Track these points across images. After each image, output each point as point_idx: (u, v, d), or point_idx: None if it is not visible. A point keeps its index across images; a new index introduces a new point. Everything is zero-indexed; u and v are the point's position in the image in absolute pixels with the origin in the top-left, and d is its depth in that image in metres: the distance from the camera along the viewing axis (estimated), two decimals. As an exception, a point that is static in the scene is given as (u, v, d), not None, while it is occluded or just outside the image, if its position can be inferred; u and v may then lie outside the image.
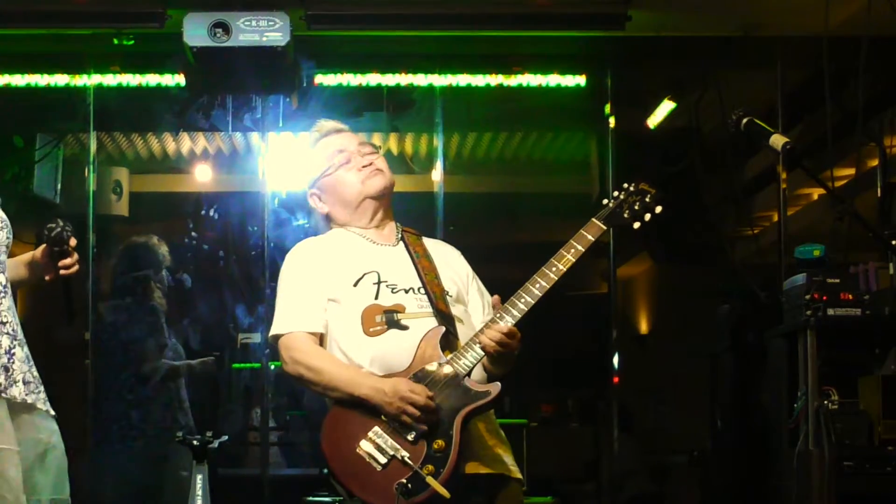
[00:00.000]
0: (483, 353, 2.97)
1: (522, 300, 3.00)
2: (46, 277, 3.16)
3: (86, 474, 6.03)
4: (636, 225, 3.13)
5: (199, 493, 4.70)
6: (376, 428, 2.96)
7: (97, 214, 6.74)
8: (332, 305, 3.09)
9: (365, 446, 2.95)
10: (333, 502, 5.62)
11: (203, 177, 7.92)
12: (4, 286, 3.06)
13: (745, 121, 3.26)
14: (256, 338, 6.97)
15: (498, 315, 2.99)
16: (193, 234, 7.52)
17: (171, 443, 5.72)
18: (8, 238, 3.14)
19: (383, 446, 2.93)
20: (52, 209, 7.00)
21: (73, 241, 3.09)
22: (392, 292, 3.07)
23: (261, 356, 6.70)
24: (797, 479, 4.31)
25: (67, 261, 3.10)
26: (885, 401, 4.40)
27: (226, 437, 4.99)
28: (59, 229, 3.07)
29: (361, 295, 3.07)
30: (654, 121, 6.69)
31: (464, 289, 3.23)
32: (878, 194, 6.09)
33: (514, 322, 2.98)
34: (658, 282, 9.53)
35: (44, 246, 3.12)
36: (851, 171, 5.53)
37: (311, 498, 5.76)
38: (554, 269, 3.04)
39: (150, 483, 6.05)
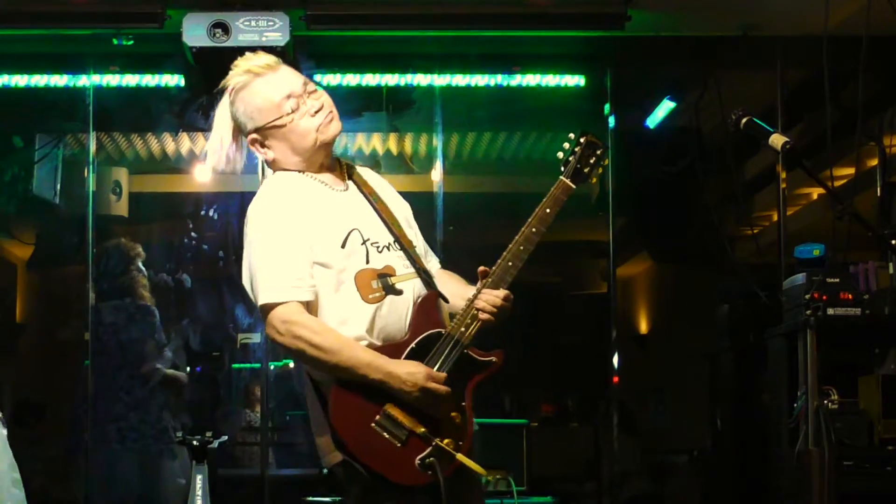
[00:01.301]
0: (481, 320, 2.96)
1: (512, 264, 3.00)
2: None
3: (85, 474, 6.06)
4: (593, 180, 3.16)
5: (199, 493, 4.70)
6: (390, 403, 2.92)
7: (97, 215, 6.74)
8: (320, 270, 2.97)
9: (382, 422, 2.91)
10: (333, 502, 5.62)
11: (203, 177, 7.91)
12: None
13: (744, 120, 3.26)
14: (256, 338, 6.96)
15: (493, 279, 2.98)
16: (193, 234, 7.52)
17: (171, 442, 5.74)
18: None
19: (401, 421, 2.90)
20: (52, 209, 7.02)
21: None
22: (378, 252, 3.00)
23: (261, 356, 6.70)
24: (797, 479, 4.31)
25: None
26: (884, 400, 4.40)
27: (225, 437, 5.00)
28: None
29: (352, 258, 2.97)
30: (653, 121, 6.69)
31: (412, 230, 3.19)
32: (878, 194, 6.09)
33: (506, 286, 2.99)
34: (658, 282, 9.53)
35: None
36: (851, 171, 5.52)
37: (311, 498, 5.76)
38: (534, 230, 3.02)
39: (150, 482, 6.05)
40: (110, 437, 6.03)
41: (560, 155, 3.13)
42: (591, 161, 3.13)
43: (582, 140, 3.12)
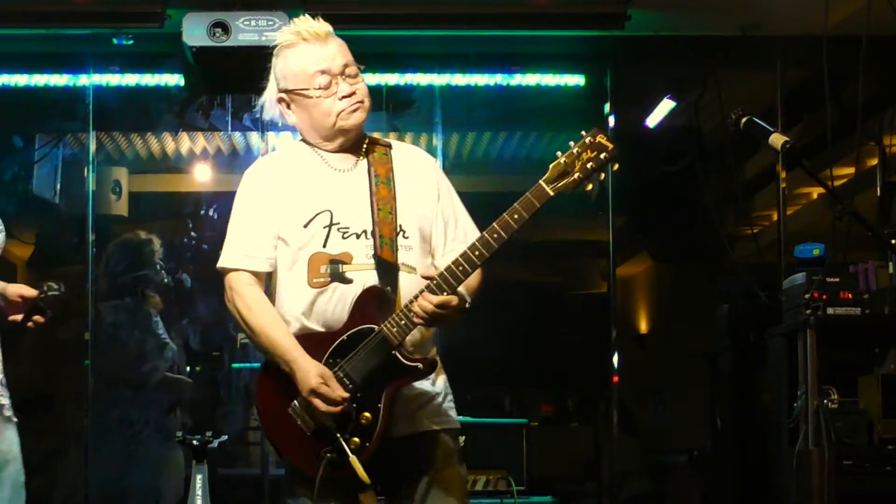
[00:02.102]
0: (413, 322, 2.88)
1: (461, 268, 2.84)
2: (11, 317, 3.22)
3: (85, 473, 6.06)
4: (589, 187, 2.99)
5: (199, 492, 4.70)
6: None
7: (96, 214, 6.74)
8: (281, 245, 2.99)
9: (297, 408, 2.90)
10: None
11: (202, 176, 7.92)
12: None
13: (744, 120, 3.26)
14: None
15: (435, 283, 2.85)
16: (193, 233, 7.51)
17: (170, 442, 5.73)
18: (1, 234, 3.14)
19: (314, 411, 2.87)
20: (52, 209, 7.01)
21: (57, 311, 3.21)
22: (343, 237, 2.95)
23: (260, 356, 6.69)
24: (797, 479, 4.31)
25: (40, 320, 3.22)
26: (884, 400, 4.40)
27: (225, 437, 4.99)
28: (57, 294, 3.17)
29: (310, 239, 2.96)
30: (653, 120, 6.70)
31: (427, 220, 3.08)
32: (878, 193, 6.09)
33: (450, 291, 2.84)
34: (658, 281, 9.53)
35: (31, 294, 3.18)
36: (851, 171, 5.53)
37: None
38: (495, 235, 2.84)
39: (150, 482, 6.05)
40: (111, 436, 6.04)
41: (558, 153, 2.88)
42: (590, 165, 2.86)
43: (588, 139, 2.88)
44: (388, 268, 2.95)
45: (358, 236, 2.97)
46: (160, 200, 8.09)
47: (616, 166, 2.96)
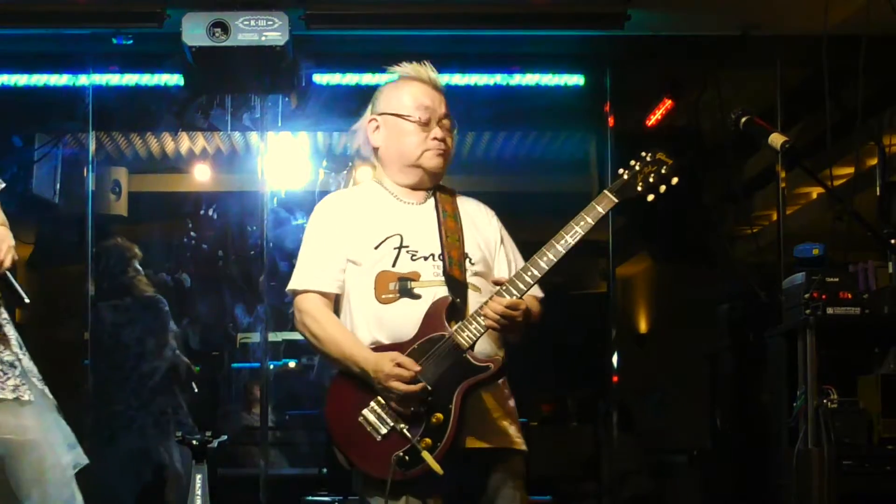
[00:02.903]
0: (484, 326, 2.96)
1: (529, 273, 2.97)
2: None
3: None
4: (650, 197, 3.05)
5: (199, 492, 4.70)
6: (378, 398, 2.96)
7: (96, 214, 6.74)
8: (352, 267, 3.09)
9: (367, 415, 2.96)
10: (333, 502, 5.63)
11: (202, 176, 7.92)
12: None
13: (744, 120, 3.26)
14: (256, 337, 6.96)
15: (504, 288, 2.96)
16: (192, 233, 7.52)
17: (170, 442, 5.73)
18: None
19: (384, 417, 2.94)
20: (52, 209, 7.01)
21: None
22: (412, 259, 3.06)
23: (260, 356, 6.70)
24: (797, 478, 4.31)
25: None
26: (884, 400, 4.40)
27: (225, 437, 4.99)
28: None
29: (380, 259, 3.06)
30: (653, 120, 6.69)
31: (490, 255, 3.19)
32: (878, 193, 6.09)
33: (519, 295, 2.95)
34: (657, 281, 9.53)
35: None
36: (851, 170, 5.53)
37: (310, 498, 5.76)
38: (562, 241, 2.96)
39: (149, 482, 6.05)
40: (112, 435, 6.05)
41: (620, 170, 3.06)
42: (651, 178, 3.03)
43: (647, 157, 3.06)
44: (457, 285, 3.05)
45: (426, 258, 3.06)
46: (160, 200, 8.10)
47: (676, 180, 3.06)
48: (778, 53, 6.14)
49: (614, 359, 6.62)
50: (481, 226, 3.23)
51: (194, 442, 4.79)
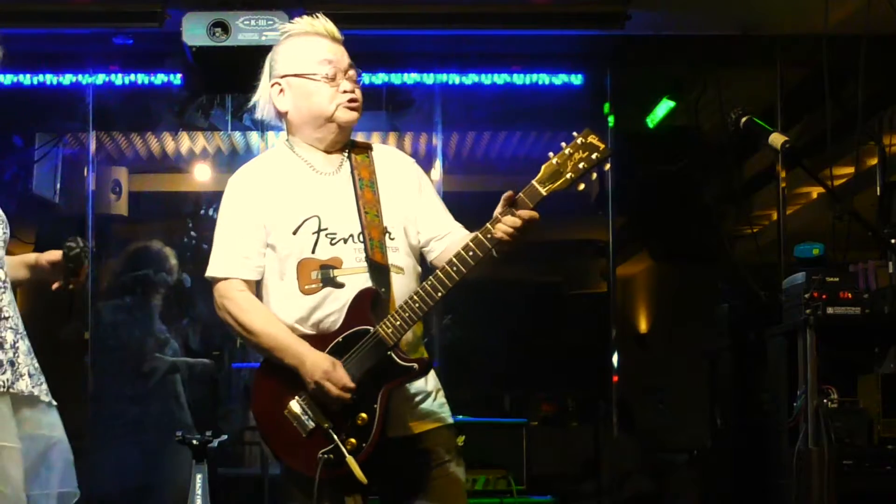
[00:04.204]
0: (417, 318, 2.88)
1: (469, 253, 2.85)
2: (54, 286, 3.23)
3: (85, 473, 6.04)
4: (581, 186, 2.99)
5: (199, 492, 4.70)
6: (305, 394, 2.91)
7: (96, 214, 6.75)
8: (269, 252, 3.00)
9: (293, 408, 2.92)
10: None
11: (202, 176, 7.91)
12: (4, 281, 3.08)
13: (744, 120, 3.26)
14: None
15: (502, 212, 2.82)
16: (193, 233, 7.51)
17: (171, 441, 5.72)
18: (5, 233, 3.15)
19: (309, 412, 2.90)
20: (52, 209, 7.01)
21: (86, 266, 3.19)
22: (331, 243, 2.96)
23: (260, 356, 6.70)
24: (797, 478, 4.31)
25: (79, 280, 3.20)
26: (884, 399, 4.40)
27: (225, 437, 4.99)
28: (78, 251, 3.14)
29: (299, 245, 2.96)
30: (653, 120, 6.70)
31: (412, 215, 3.08)
32: (878, 193, 6.09)
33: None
34: (658, 281, 9.53)
35: (57, 258, 3.18)
36: (851, 170, 5.53)
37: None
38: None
39: (150, 482, 6.05)
40: (112, 434, 6.05)
41: (550, 154, 2.86)
42: (581, 164, 2.82)
43: (579, 140, 2.83)
44: (380, 270, 2.96)
45: (346, 241, 2.97)
46: (160, 200, 8.09)
47: (608, 166, 2.95)
48: (778, 53, 6.14)
49: (614, 359, 6.62)
50: (399, 180, 3.10)
51: (194, 441, 4.79)
